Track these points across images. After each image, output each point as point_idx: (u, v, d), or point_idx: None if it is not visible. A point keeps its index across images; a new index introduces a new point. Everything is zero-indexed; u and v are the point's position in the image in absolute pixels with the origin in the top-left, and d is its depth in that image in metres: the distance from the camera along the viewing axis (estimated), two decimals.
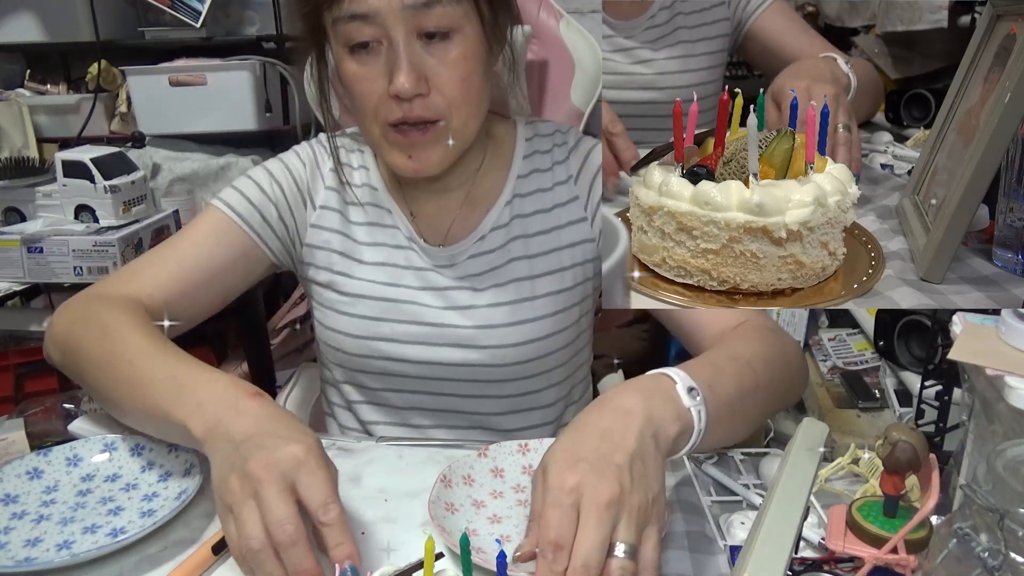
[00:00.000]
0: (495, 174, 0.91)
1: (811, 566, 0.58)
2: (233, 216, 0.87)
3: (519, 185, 0.90)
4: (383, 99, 0.77)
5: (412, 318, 0.88)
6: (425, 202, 0.90)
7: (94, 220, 1.43)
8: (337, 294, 0.90)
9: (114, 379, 0.71)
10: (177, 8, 1.68)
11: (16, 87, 1.87)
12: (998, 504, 0.46)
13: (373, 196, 0.91)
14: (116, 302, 0.78)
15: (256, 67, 1.67)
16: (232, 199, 0.88)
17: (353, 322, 0.88)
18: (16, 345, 1.46)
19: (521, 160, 0.91)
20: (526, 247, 0.89)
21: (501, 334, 0.87)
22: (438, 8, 0.74)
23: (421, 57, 0.76)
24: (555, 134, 0.94)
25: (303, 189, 0.91)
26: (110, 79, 1.78)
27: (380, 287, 0.88)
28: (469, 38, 0.77)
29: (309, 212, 0.91)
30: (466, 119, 0.80)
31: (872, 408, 1.36)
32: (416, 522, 0.68)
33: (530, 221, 0.90)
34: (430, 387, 0.90)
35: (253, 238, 0.88)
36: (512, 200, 0.90)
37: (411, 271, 0.89)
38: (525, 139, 0.93)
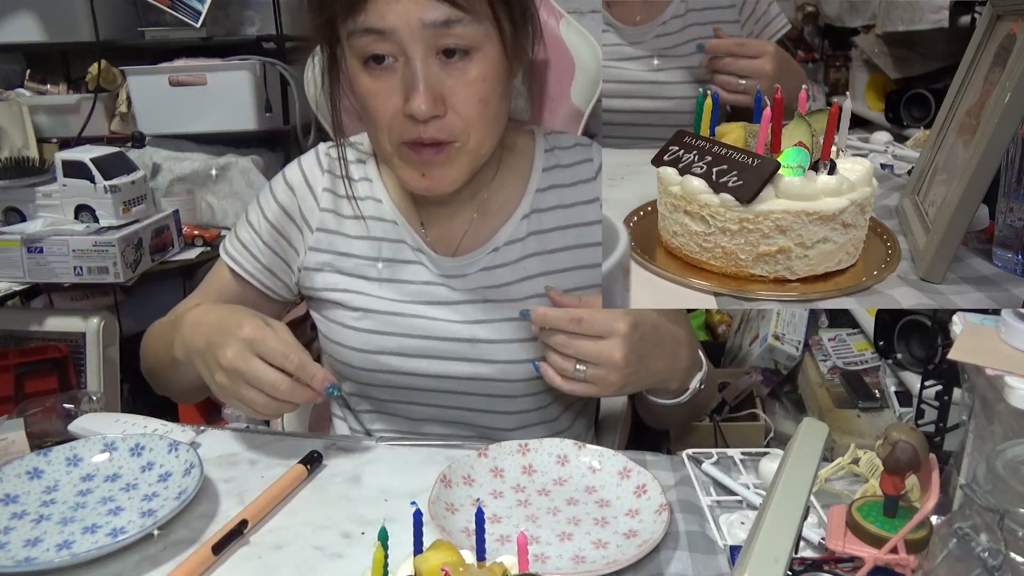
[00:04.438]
0: (512, 186, 0.89)
1: (811, 566, 0.58)
2: (230, 263, 0.93)
3: (537, 200, 0.88)
4: (397, 116, 0.75)
5: (420, 332, 0.86)
6: (436, 212, 0.89)
7: (94, 220, 1.43)
8: (344, 309, 0.89)
9: (161, 361, 0.90)
10: (177, 8, 1.68)
11: (16, 87, 1.87)
12: (998, 504, 0.47)
13: (377, 209, 0.90)
14: (157, 322, 0.96)
15: (256, 67, 1.67)
16: (231, 246, 0.94)
17: (360, 336, 0.87)
18: (16, 345, 1.46)
19: (540, 173, 0.89)
20: (545, 264, 0.87)
21: (513, 349, 0.85)
22: (458, 27, 0.71)
23: (439, 77, 0.73)
24: (576, 148, 0.91)
25: (295, 217, 0.91)
26: (110, 79, 1.78)
27: (387, 302, 0.87)
28: (489, 57, 0.75)
29: (306, 236, 0.90)
30: (483, 139, 0.78)
31: (872, 408, 1.36)
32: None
33: (549, 238, 0.88)
34: (439, 400, 0.89)
35: (250, 283, 0.93)
36: (530, 214, 0.88)
37: (417, 285, 0.87)
38: (544, 151, 0.90)
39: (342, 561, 0.64)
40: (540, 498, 0.71)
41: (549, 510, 0.70)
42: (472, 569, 0.48)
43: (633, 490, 0.70)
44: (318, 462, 0.77)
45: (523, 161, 0.90)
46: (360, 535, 0.67)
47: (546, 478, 0.74)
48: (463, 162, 0.79)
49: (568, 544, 0.65)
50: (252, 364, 0.72)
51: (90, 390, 1.36)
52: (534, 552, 0.63)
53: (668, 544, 0.64)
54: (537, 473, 0.74)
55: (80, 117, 1.78)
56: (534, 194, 0.89)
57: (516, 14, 0.77)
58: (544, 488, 0.73)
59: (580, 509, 0.70)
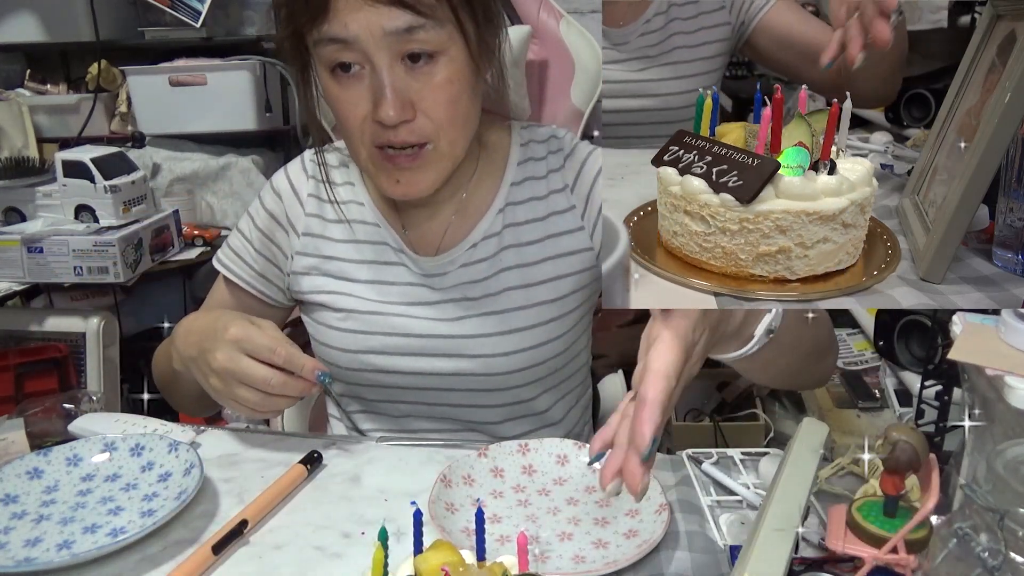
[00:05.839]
0: (488, 182, 0.90)
1: (811, 566, 0.58)
2: (227, 273, 0.95)
3: (512, 193, 0.89)
4: (368, 122, 0.76)
5: (402, 331, 0.87)
6: (417, 215, 0.90)
7: (94, 220, 1.43)
8: (328, 311, 0.90)
9: (166, 377, 0.92)
10: (177, 8, 1.68)
11: (16, 87, 1.87)
12: (998, 504, 0.47)
13: (360, 212, 0.91)
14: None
15: (256, 67, 1.67)
16: (225, 256, 0.96)
17: (345, 337, 0.88)
18: (16, 345, 1.46)
19: (515, 167, 0.90)
20: (520, 256, 0.88)
21: (493, 343, 0.86)
22: (421, 32, 0.72)
23: (405, 82, 0.74)
24: (550, 140, 0.92)
25: (282, 223, 0.92)
26: (110, 79, 1.78)
27: (370, 303, 0.88)
28: (455, 60, 0.75)
29: (293, 241, 0.92)
30: (454, 139, 0.79)
31: (872, 408, 1.36)
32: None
33: (523, 230, 0.88)
34: (425, 397, 0.90)
35: (247, 291, 0.94)
36: (504, 208, 0.89)
37: (399, 286, 0.88)
38: (520, 144, 0.91)
39: (342, 561, 0.64)
40: (540, 498, 0.71)
41: (549, 510, 0.70)
42: (472, 569, 0.48)
43: None
44: (318, 462, 0.77)
45: (499, 157, 0.91)
46: (360, 535, 0.67)
47: (546, 478, 0.74)
48: (437, 166, 0.79)
49: (568, 544, 0.65)
50: (242, 363, 0.74)
51: (90, 390, 1.36)
52: (534, 552, 0.63)
53: (668, 544, 0.64)
54: (537, 473, 0.74)
55: (80, 117, 1.78)
56: (509, 187, 0.89)
57: (480, 15, 0.77)
58: (544, 488, 0.73)
59: (580, 509, 0.70)
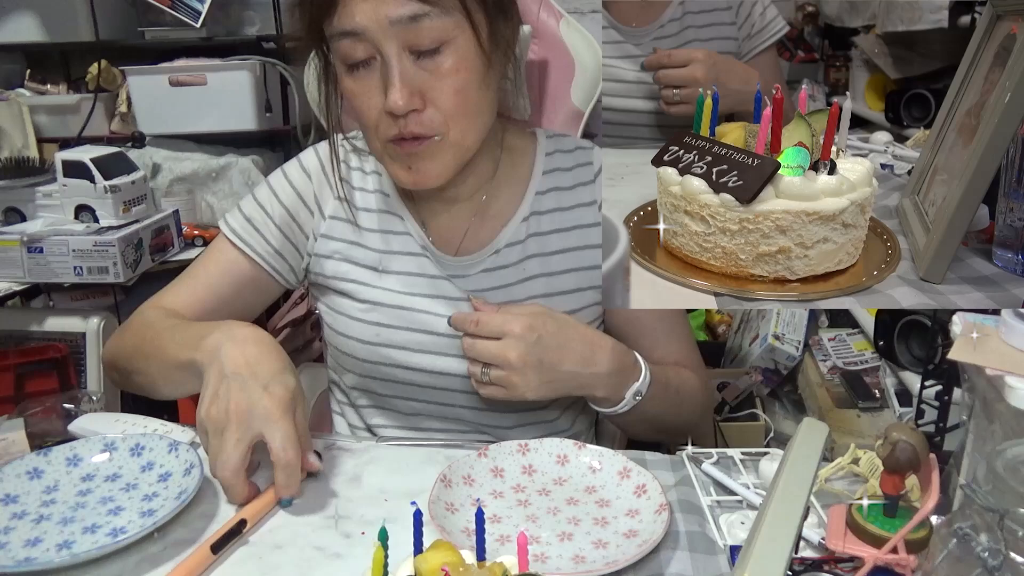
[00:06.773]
0: (512, 188, 0.90)
1: (811, 566, 0.58)
2: (239, 243, 0.90)
3: (537, 202, 0.89)
4: (381, 115, 0.76)
5: (424, 327, 0.87)
6: (436, 212, 0.90)
7: (94, 220, 1.43)
8: (352, 301, 0.89)
9: (145, 357, 0.83)
10: (177, 8, 1.68)
11: (16, 87, 1.87)
12: (998, 504, 0.47)
13: (385, 202, 0.91)
14: (151, 308, 0.90)
15: (256, 67, 1.67)
16: (237, 225, 0.91)
17: (367, 328, 0.88)
18: (16, 345, 1.46)
19: (541, 176, 0.90)
20: (545, 266, 0.88)
21: None
22: (427, 21, 0.72)
23: (414, 72, 0.75)
24: (576, 151, 0.92)
25: (308, 202, 0.91)
26: (110, 79, 1.78)
27: (396, 295, 0.88)
28: (462, 49, 0.75)
29: (318, 222, 0.91)
30: (465, 131, 0.78)
31: (872, 408, 1.36)
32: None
33: (548, 240, 0.88)
34: (437, 397, 0.89)
35: (259, 264, 0.90)
36: (529, 217, 0.88)
37: (425, 279, 0.88)
38: (546, 154, 0.91)
39: (342, 561, 0.64)
40: (540, 498, 0.71)
41: (549, 510, 0.70)
42: (472, 569, 0.48)
43: (633, 490, 0.70)
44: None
45: (523, 163, 0.90)
46: (360, 535, 0.67)
47: (546, 478, 0.74)
48: (447, 155, 0.79)
49: (568, 544, 0.65)
50: (238, 434, 0.68)
51: (90, 390, 1.37)
52: (534, 552, 0.63)
53: (668, 544, 0.64)
54: (537, 473, 0.74)
55: (80, 117, 1.78)
56: (534, 197, 0.89)
57: (490, 5, 0.77)
58: (544, 488, 0.73)
59: (580, 509, 0.70)
